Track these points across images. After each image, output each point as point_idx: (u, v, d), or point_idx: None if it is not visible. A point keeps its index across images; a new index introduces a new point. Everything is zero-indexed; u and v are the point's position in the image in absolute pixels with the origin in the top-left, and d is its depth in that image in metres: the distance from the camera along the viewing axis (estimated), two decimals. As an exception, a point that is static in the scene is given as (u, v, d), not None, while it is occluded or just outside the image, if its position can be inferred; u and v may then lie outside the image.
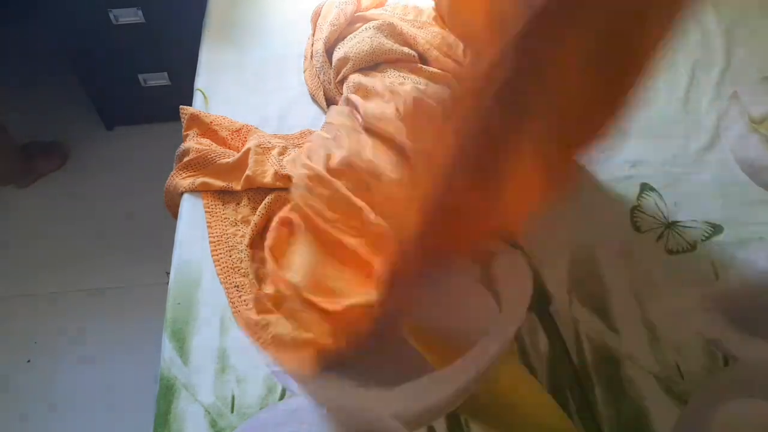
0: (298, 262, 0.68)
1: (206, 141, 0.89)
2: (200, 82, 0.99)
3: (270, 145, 0.86)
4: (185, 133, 0.90)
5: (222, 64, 1.01)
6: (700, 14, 1.08)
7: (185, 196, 0.84)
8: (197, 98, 0.96)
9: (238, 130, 0.91)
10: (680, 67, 0.97)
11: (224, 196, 0.84)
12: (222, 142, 0.90)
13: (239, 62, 1.02)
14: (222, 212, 0.82)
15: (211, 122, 0.91)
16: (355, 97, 0.85)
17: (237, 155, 0.85)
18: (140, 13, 1.37)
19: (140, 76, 1.52)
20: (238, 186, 0.83)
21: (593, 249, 0.79)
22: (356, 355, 0.63)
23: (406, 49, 0.91)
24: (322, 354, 0.61)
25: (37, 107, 1.76)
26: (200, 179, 0.84)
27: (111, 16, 1.37)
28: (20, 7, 1.75)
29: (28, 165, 1.61)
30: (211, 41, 1.05)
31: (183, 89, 1.04)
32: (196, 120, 0.91)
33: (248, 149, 0.84)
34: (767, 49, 1.01)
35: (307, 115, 0.94)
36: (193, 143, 0.87)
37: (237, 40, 1.06)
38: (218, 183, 0.84)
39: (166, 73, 1.52)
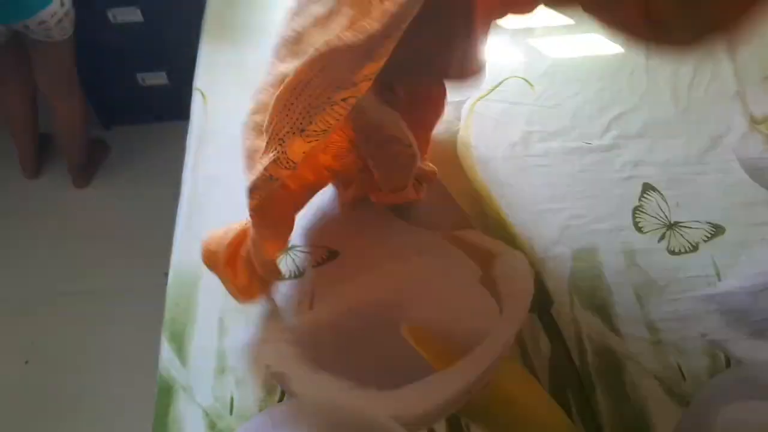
0: None
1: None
2: (199, 81, 0.98)
3: None
4: None
5: (221, 63, 1.01)
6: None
7: (185, 198, 0.84)
8: (196, 98, 0.96)
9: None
10: (681, 67, 0.97)
11: None
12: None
13: (239, 62, 1.01)
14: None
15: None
16: None
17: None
18: (139, 12, 1.36)
19: (139, 75, 1.52)
20: None
21: (595, 250, 0.79)
22: None
23: None
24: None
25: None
26: None
27: (110, 15, 1.36)
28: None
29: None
30: (210, 41, 1.05)
31: (182, 89, 1.03)
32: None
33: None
34: (769, 49, 1.01)
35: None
36: None
37: (236, 40, 1.05)
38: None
39: (164, 73, 1.51)
